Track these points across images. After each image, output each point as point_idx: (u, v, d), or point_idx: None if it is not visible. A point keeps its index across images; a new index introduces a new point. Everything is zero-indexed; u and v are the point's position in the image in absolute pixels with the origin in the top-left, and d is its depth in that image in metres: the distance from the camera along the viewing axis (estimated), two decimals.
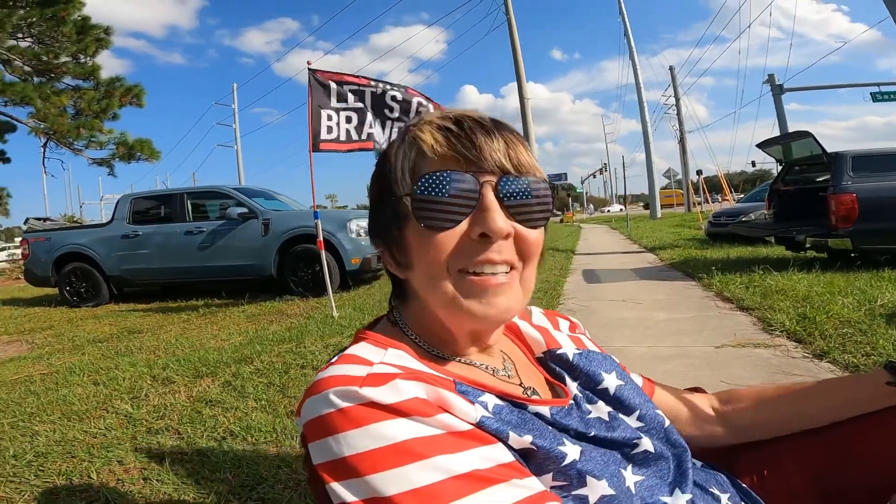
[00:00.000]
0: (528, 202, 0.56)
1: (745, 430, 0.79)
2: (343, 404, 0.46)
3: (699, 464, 0.71)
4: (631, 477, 0.59)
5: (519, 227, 0.56)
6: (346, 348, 0.57)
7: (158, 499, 1.65)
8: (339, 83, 4.53)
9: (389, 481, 0.43)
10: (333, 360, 0.54)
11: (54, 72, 10.86)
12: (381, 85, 4.67)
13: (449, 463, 0.44)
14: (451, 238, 0.54)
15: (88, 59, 11.20)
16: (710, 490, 0.67)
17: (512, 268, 0.56)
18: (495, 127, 0.57)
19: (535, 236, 0.57)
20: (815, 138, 5.40)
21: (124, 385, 2.84)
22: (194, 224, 6.65)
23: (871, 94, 18.86)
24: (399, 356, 0.55)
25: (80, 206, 40.30)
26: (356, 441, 0.45)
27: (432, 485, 0.43)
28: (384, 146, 2.11)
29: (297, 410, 0.52)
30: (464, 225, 0.54)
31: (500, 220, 0.53)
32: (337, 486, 0.45)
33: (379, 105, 4.64)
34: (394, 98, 4.66)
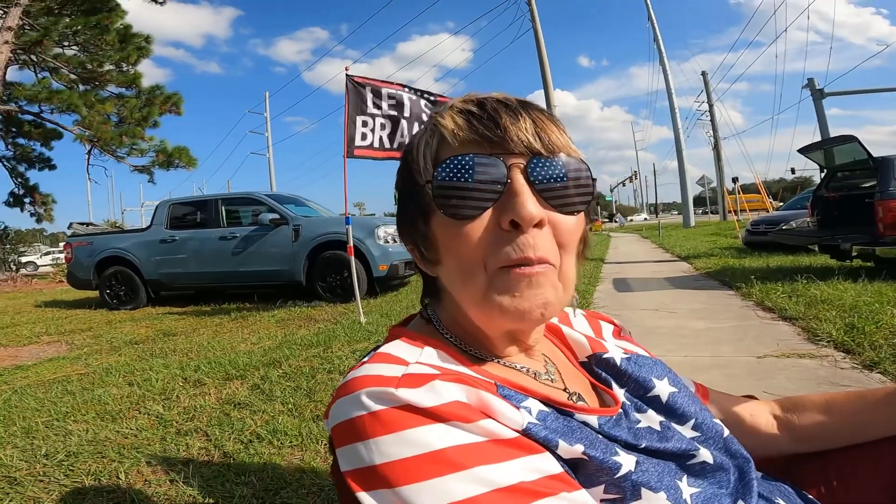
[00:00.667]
0: (563, 185, 0.50)
1: (813, 438, 0.72)
2: (376, 407, 0.43)
3: (759, 474, 0.65)
4: (687, 489, 0.53)
5: (553, 213, 0.50)
6: (379, 346, 0.53)
7: (183, 501, 1.65)
8: (376, 88, 4.56)
9: (424, 494, 0.39)
10: (365, 358, 0.51)
11: (98, 80, 11.36)
12: (416, 91, 4.69)
13: (491, 474, 0.40)
14: (477, 228, 0.49)
15: (130, 67, 11.69)
16: (776, 501, 0.61)
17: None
18: (522, 107, 0.52)
19: (571, 223, 0.52)
20: (860, 142, 5.19)
21: (157, 386, 2.88)
22: (228, 230, 6.78)
23: None
24: (436, 356, 0.51)
25: (122, 213, 41.65)
26: (389, 448, 0.41)
27: (472, 498, 0.39)
28: None
29: (326, 412, 0.48)
30: (492, 213, 0.49)
31: (531, 205, 0.48)
32: (366, 497, 0.41)
33: (416, 110, 4.65)
34: (427, 103, 4.67)
